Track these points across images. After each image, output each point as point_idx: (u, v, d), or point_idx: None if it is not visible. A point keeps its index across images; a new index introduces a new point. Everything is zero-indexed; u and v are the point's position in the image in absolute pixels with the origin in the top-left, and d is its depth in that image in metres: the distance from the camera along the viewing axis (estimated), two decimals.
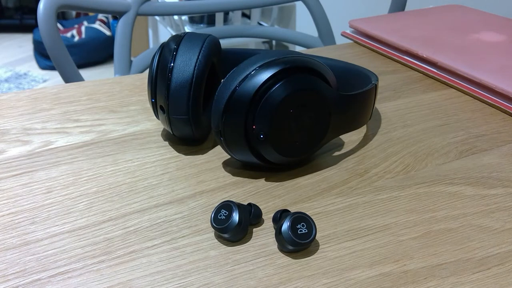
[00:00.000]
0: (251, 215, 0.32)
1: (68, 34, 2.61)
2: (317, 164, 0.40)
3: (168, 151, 0.41)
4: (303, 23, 1.84)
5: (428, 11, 0.73)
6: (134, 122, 0.46)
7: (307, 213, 0.31)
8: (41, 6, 0.75)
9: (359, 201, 0.35)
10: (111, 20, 2.75)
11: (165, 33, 2.01)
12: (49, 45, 0.76)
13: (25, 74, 2.52)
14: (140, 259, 0.30)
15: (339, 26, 0.91)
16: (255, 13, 1.83)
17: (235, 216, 0.30)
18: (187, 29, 1.81)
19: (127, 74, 0.88)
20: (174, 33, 1.61)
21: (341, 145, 0.43)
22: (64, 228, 0.32)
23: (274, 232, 0.32)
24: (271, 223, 0.33)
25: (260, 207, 0.33)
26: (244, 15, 1.98)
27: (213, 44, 0.40)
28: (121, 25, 0.88)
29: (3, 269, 0.29)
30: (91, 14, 2.81)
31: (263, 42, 1.97)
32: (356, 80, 0.43)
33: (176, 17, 1.77)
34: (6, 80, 2.44)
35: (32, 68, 2.61)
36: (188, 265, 0.29)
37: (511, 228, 0.33)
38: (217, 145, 0.42)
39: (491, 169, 0.39)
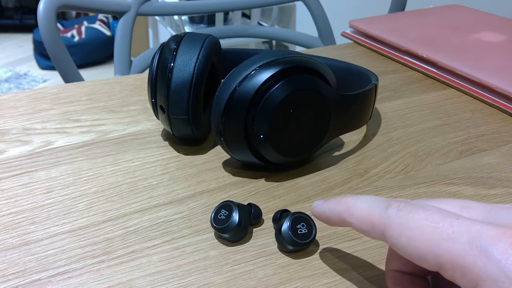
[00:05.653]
0: (251, 215, 0.32)
1: (68, 34, 2.61)
2: (317, 164, 0.40)
3: (168, 151, 0.41)
4: (303, 23, 1.84)
5: (428, 11, 0.73)
6: (134, 122, 0.46)
7: (307, 213, 0.31)
8: (41, 6, 0.75)
9: None
10: (111, 20, 2.75)
11: (165, 33, 2.01)
12: (49, 45, 0.76)
13: (25, 74, 2.52)
14: (140, 259, 0.30)
15: (339, 26, 0.91)
16: (255, 13, 1.83)
17: (235, 216, 0.30)
18: (187, 29, 1.81)
19: (127, 74, 0.88)
20: (174, 33, 1.61)
21: (341, 145, 0.42)
22: (64, 228, 0.32)
23: (274, 232, 0.32)
24: (271, 223, 0.33)
25: (260, 207, 0.33)
26: (244, 15, 1.98)
27: (213, 44, 0.40)
28: (121, 25, 0.88)
29: (3, 269, 0.29)
30: (91, 14, 2.81)
31: (263, 42, 1.97)
32: (356, 80, 0.43)
33: (176, 17, 1.76)
34: (6, 80, 2.44)
35: (32, 68, 2.61)
36: (188, 265, 0.29)
37: None
38: (217, 145, 0.42)
39: (491, 169, 0.39)
